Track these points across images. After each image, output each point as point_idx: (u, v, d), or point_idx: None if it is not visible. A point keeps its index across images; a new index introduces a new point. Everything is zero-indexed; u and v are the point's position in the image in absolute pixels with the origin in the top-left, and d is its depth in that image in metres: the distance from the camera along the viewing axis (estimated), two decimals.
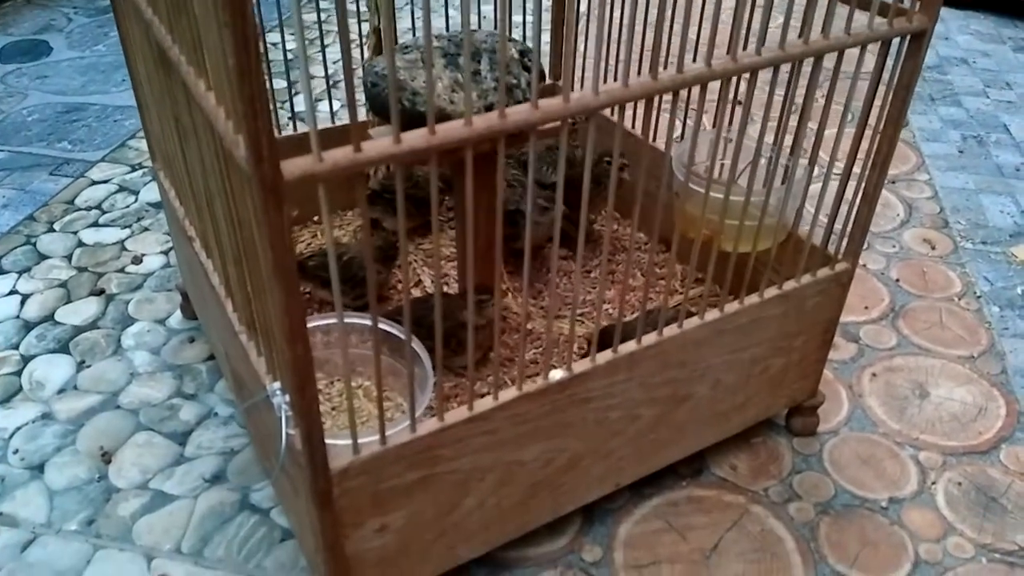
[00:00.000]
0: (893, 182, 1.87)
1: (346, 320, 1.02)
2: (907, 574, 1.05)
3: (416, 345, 1.01)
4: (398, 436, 0.82)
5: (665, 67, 0.75)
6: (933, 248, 1.66)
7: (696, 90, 0.83)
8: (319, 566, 0.88)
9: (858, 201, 1.02)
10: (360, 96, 1.19)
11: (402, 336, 1.02)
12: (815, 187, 1.44)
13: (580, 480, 1.01)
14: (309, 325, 1.06)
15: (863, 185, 1.00)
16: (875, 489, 1.16)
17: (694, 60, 0.76)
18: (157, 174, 1.24)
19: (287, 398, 0.79)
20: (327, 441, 0.78)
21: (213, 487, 1.15)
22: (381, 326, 1.05)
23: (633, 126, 1.41)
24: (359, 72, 1.33)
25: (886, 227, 1.72)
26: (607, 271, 1.38)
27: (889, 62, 0.90)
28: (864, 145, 0.97)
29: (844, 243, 1.06)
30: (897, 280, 1.56)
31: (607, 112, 1.45)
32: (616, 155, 0.82)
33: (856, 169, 0.98)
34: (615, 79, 0.74)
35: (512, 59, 1.03)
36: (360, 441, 0.80)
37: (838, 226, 1.04)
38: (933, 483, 1.17)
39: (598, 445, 0.99)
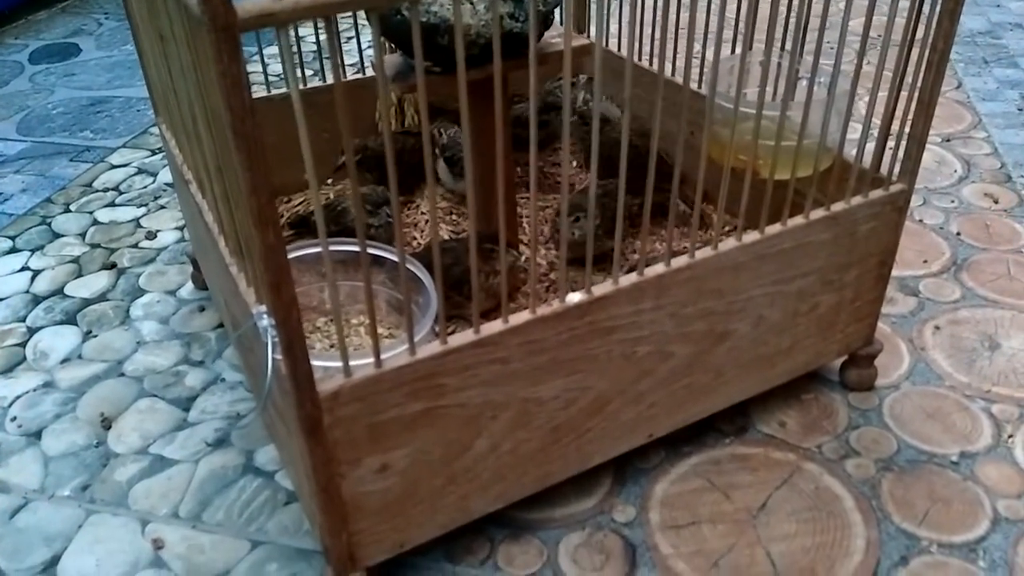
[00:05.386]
0: (948, 140, 1.74)
1: (341, 247, 0.94)
2: (985, 531, 0.92)
3: (421, 273, 0.93)
4: (396, 360, 0.73)
5: None
6: (996, 202, 1.53)
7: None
8: (315, 515, 0.80)
9: (912, 110, 0.91)
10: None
11: (411, 272, 0.93)
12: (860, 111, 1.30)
13: (608, 427, 0.90)
14: (307, 252, 0.99)
15: (918, 89, 0.90)
16: (943, 444, 1.03)
17: None
18: (160, 127, 1.19)
19: (272, 320, 0.71)
20: (314, 363, 0.69)
21: (216, 451, 1.07)
22: (379, 254, 0.97)
23: (650, 63, 1.31)
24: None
25: (943, 183, 1.59)
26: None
27: None
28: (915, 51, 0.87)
29: (899, 161, 0.95)
30: (958, 234, 1.44)
31: (615, 47, 1.36)
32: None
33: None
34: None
35: None
36: (353, 363, 0.71)
37: (891, 146, 0.93)
38: (1010, 436, 1.04)
39: (626, 386, 0.89)
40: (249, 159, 0.56)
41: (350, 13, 1.18)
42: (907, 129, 0.93)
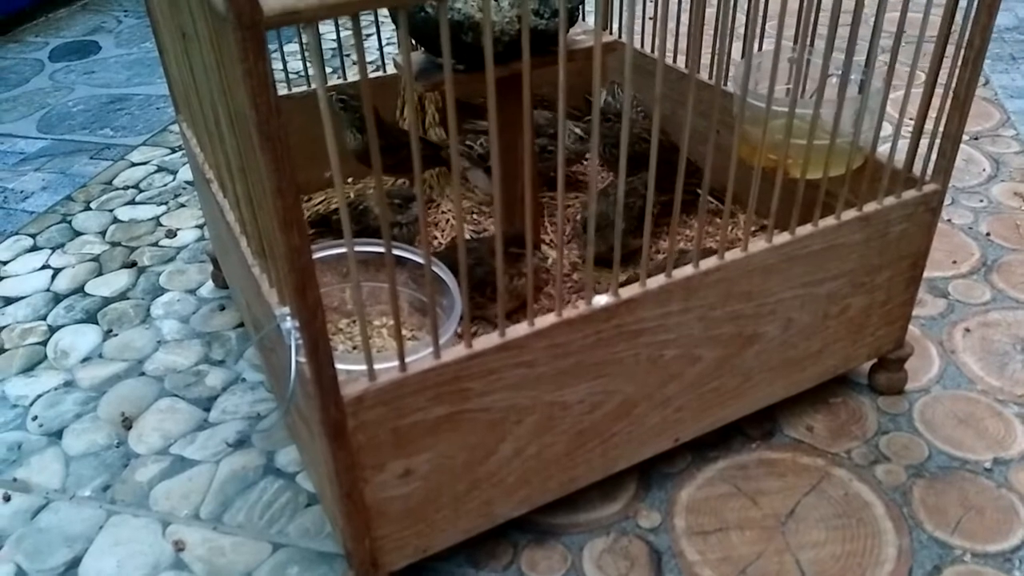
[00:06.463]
0: (976, 138, 1.71)
1: (366, 248, 0.93)
2: (1021, 541, 0.90)
3: (444, 274, 0.91)
4: (420, 363, 0.72)
5: None
6: None
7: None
8: (337, 520, 0.79)
9: (947, 108, 0.89)
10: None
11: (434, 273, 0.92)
12: (895, 98, 1.28)
13: (634, 431, 0.89)
14: (327, 252, 0.98)
15: (953, 85, 0.87)
16: (976, 450, 1.01)
17: None
18: (180, 125, 1.18)
19: (296, 323, 0.70)
20: (339, 366, 0.68)
21: (237, 452, 1.06)
22: (402, 255, 0.96)
23: (674, 60, 1.29)
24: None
25: (971, 182, 1.56)
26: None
27: None
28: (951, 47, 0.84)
29: (932, 160, 0.93)
30: (988, 234, 1.41)
31: (639, 46, 1.34)
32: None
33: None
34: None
35: None
36: (377, 367, 0.70)
37: (924, 143, 0.91)
38: None
39: (652, 390, 0.87)
40: (275, 160, 0.55)
41: (370, 10, 1.16)
42: (941, 128, 0.91)
